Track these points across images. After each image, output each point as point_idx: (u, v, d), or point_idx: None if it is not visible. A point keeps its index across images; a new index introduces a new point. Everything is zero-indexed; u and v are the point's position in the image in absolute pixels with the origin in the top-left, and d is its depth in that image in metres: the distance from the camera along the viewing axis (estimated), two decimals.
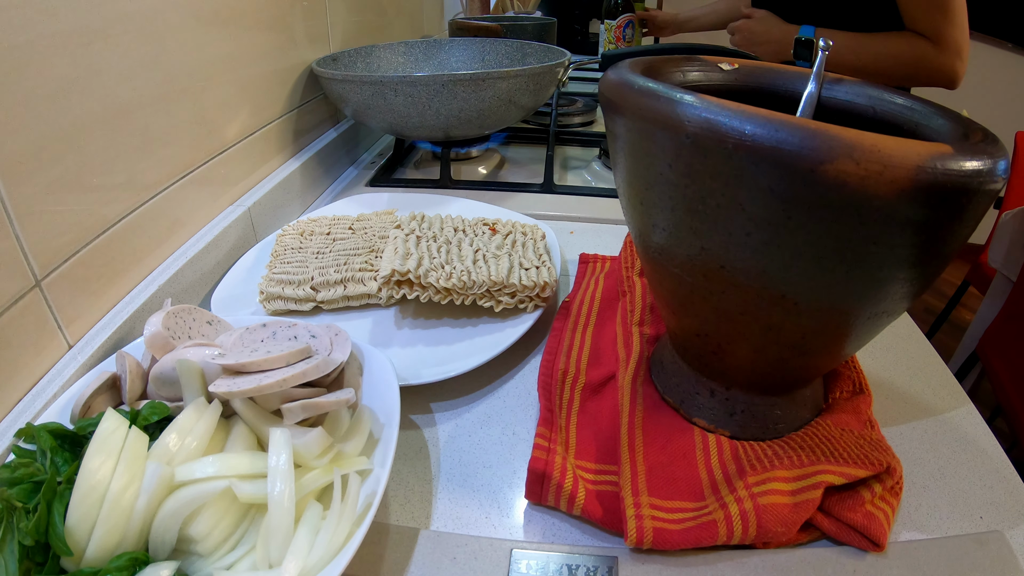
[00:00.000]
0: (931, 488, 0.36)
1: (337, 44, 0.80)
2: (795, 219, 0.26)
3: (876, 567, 0.31)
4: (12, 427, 0.33)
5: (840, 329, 0.30)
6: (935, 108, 0.33)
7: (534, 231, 0.56)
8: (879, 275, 0.27)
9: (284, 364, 0.33)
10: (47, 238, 0.37)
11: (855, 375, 0.41)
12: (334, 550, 0.27)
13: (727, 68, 0.40)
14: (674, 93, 0.28)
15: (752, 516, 0.31)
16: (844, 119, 0.37)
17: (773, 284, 0.28)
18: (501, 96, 0.67)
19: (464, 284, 0.45)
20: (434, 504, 0.35)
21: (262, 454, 0.31)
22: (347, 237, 0.56)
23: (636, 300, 0.48)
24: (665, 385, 0.40)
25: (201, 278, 0.51)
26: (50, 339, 0.37)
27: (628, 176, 0.32)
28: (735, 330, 0.32)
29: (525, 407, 0.42)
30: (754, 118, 0.25)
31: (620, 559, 0.31)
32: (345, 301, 0.49)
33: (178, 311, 0.38)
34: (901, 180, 0.23)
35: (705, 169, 0.27)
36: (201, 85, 0.51)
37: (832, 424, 0.36)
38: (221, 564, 0.28)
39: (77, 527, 0.26)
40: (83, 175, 0.39)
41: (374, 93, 0.65)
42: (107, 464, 0.27)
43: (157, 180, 0.47)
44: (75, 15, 0.38)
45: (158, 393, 0.34)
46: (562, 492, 0.33)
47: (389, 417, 0.34)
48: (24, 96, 0.34)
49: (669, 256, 0.32)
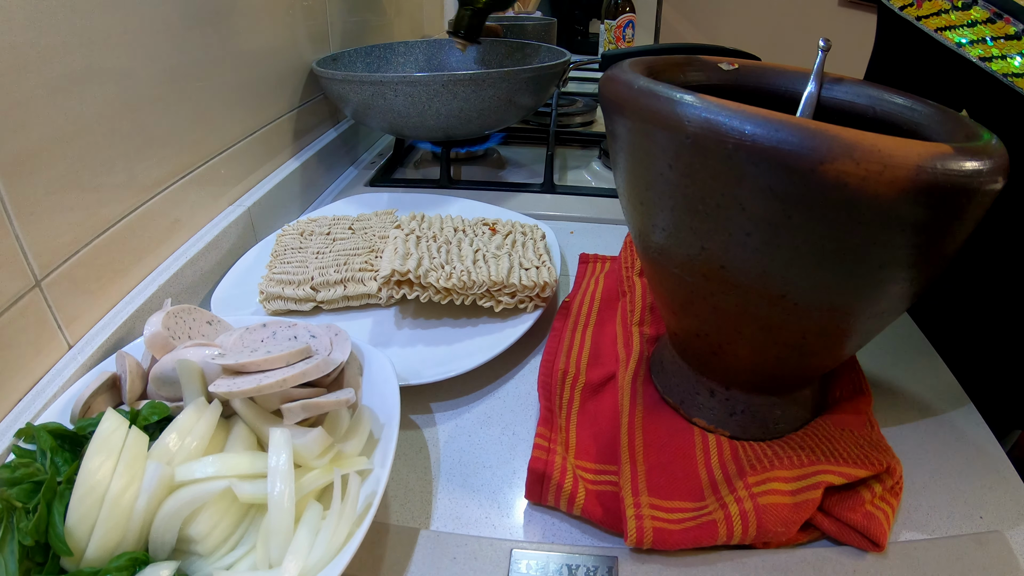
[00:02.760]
0: (931, 488, 0.36)
1: (337, 44, 0.80)
2: (795, 219, 0.25)
3: (876, 567, 0.31)
4: (12, 427, 0.33)
5: (840, 329, 0.30)
6: (935, 108, 0.33)
7: (534, 231, 0.56)
8: (879, 275, 0.27)
9: (284, 364, 0.33)
10: (47, 238, 0.37)
11: (855, 375, 0.41)
12: (334, 550, 0.27)
13: (727, 68, 0.40)
14: (674, 93, 0.28)
15: (752, 516, 0.31)
16: (844, 119, 0.37)
17: (773, 284, 0.28)
18: (501, 96, 0.67)
19: (464, 284, 0.45)
20: (434, 504, 0.35)
21: (262, 454, 0.31)
22: (347, 237, 0.56)
23: (636, 300, 0.48)
24: (665, 385, 0.40)
25: (201, 278, 0.51)
26: (50, 339, 0.37)
27: (628, 176, 0.32)
28: (735, 330, 0.32)
29: (525, 407, 0.42)
30: (754, 118, 0.25)
31: (620, 559, 0.31)
32: (345, 301, 0.49)
33: (178, 311, 0.38)
34: (901, 180, 0.23)
35: (705, 169, 0.27)
36: (201, 85, 0.51)
37: (832, 424, 0.36)
38: (221, 564, 0.28)
39: (77, 527, 0.26)
40: (83, 175, 0.39)
41: (374, 93, 0.65)
42: (107, 464, 0.27)
43: (157, 180, 0.47)
44: (75, 15, 0.38)
45: (158, 393, 0.34)
46: (562, 492, 0.33)
47: (389, 417, 0.34)
48: (24, 96, 0.34)
49: (669, 256, 0.32)
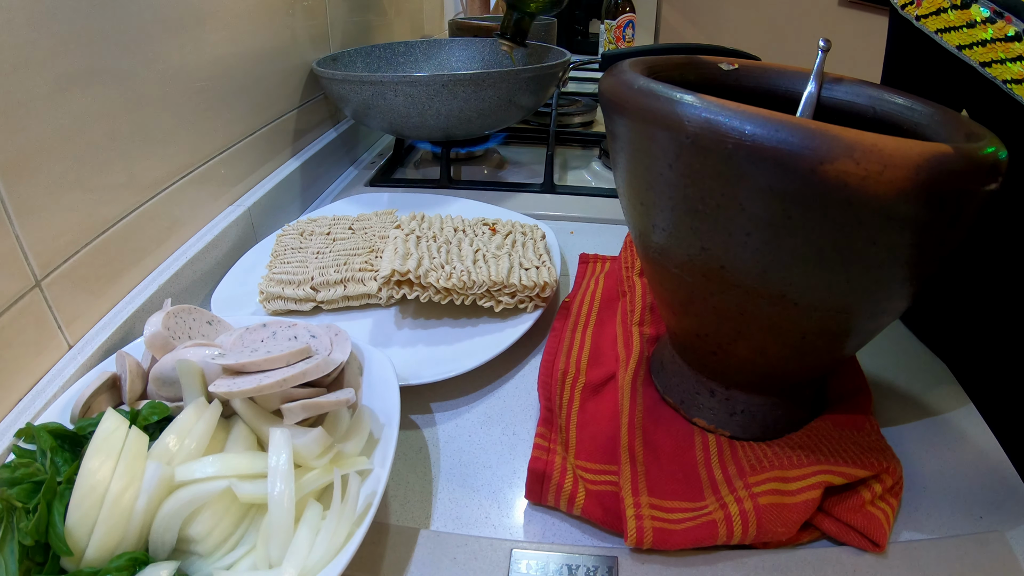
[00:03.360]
0: (931, 488, 0.36)
1: (337, 44, 0.80)
2: (795, 219, 0.25)
3: (876, 567, 0.31)
4: (12, 427, 0.33)
5: (840, 329, 0.30)
6: (935, 108, 0.33)
7: (534, 231, 0.56)
8: (879, 275, 0.27)
9: (284, 364, 0.33)
10: (47, 238, 0.37)
11: (855, 375, 0.41)
12: (334, 550, 0.27)
13: (727, 68, 0.40)
14: (674, 93, 0.28)
15: (752, 516, 0.31)
16: (844, 119, 0.37)
17: (773, 284, 0.28)
18: (501, 96, 0.67)
19: (464, 284, 0.45)
20: (434, 504, 0.35)
21: (262, 454, 0.31)
22: (347, 237, 0.56)
23: (636, 300, 0.48)
24: (665, 385, 0.40)
25: (201, 278, 0.51)
26: (50, 339, 0.37)
27: (628, 176, 0.32)
28: (735, 330, 0.32)
29: (525, 407, 0.42)
30: (754, 118, 0.25)
31: (620, 559, 0.31)
32: (345, 301, 0.49)
33: (178, 311, 0.38)
34: (901, 180, 0.23)
35: (705, 169, 0.27)
36: (201, 85, 0.51)
37: (832, 424, 0.36)
38: (221, 564, 0.28)
39: (77, 527, 0.26)
40: (83, 175, 0.39)
41: (374, 93, 0.65)
42: (107, 464, 0.27)
43: (157, 180, 0.47)
44: (75, 15, 0.38)
45: (158, 393, 0.34)
46: (562, 492, 0.33)
47: (389, 417, 0.34)
48: (24, 96, 0.34)
49: (669, 256, 0.32)
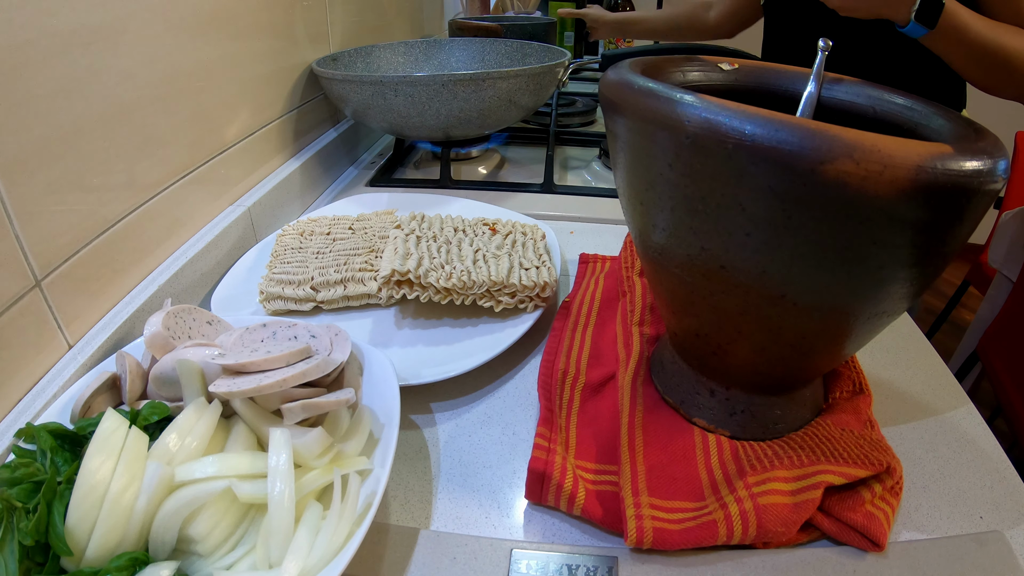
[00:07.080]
0: (931, 488, 0.36)
1: (337, 44, 0.80)
2: (795, 219, 0.25)
3: (876, 567, 0.31)
4: (12, 427, 0.33)
5: (840, 329, 0.30)
6: (935, 108, 0.33)
7: (534, 231, 0.56)
8: (879, 275, 0.27)
9: (284, 364, 0.33)
10: (47, 238, 0.37)
11: (855, 375, 0.41)
12: (334, 550, 0.27)
13: (727, 68, 0.40)
14: (674, 93, 0.28)
15: (752, 516, 0.31)
16: (844, 119, 0.37)
17: (773, 284, 0.28)
18: (501, 96, 0.67)
19: (464, 284, 0.45)
20: (434, 504, 0.35)
21: (262, 454, 0.31)
22: (347, 237, 0.56)
23: (636, 300, 0.48)
24: (665, 385, 0.40)
25: (201, 278, 0.51)
26: (50, 339, 0.37)
27: (628, 176, 0.32)
28: (735, 330, 0.32)
29: (525, 407, 0.42)
30: (754, 118, 0.25)
31: (620, 559, 0.31)
32: (345, 301, 0.49)
33: (178, 311, 0.38)
34: (901, 180, 0.23)
35: (705, 169, 0.27)
36: (201, 85, 0.51)
37: (832, 424, 0.36)
38: (221, 564, 0.28)
39: (77, 527, 0.26)
40: (83, 175, 0.39)
41: (374, 93, 0.65)
42: (107, 464, 0.27)
43: (157, 180, 0.47)
44: (75, 15, 0.38)
45: (158, 393, 0.34)
46: (562, 492, 0.33)
47: (389, 417, 0.34)
48: (24, 96, 0.34)
49: (669, 256, 0.32)
